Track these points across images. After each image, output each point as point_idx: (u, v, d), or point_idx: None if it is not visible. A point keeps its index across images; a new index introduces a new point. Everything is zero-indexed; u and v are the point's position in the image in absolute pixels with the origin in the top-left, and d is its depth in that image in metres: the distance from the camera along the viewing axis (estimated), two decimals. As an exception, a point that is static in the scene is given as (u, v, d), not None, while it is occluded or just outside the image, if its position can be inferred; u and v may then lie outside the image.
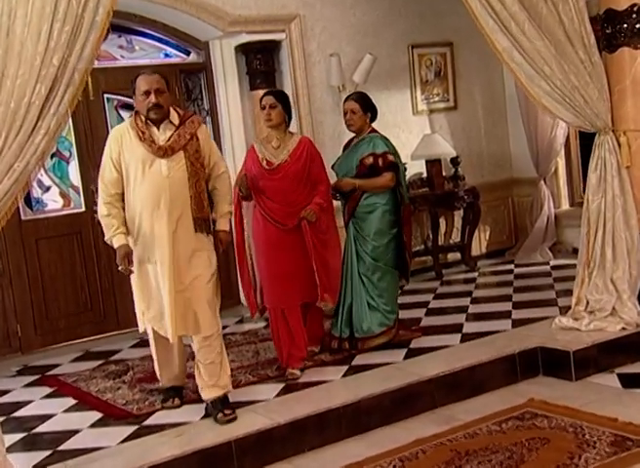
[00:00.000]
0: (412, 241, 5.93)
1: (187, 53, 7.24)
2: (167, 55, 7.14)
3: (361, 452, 4.15)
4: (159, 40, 7.10)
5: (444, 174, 7.94)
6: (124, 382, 5.35)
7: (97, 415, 4.76)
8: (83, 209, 6.73)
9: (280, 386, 4.87)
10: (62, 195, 6.75)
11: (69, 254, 6.62)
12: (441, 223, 8.02)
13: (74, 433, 4.50)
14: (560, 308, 5.87)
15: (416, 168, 7.84)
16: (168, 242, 4.29)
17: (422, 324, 6.02)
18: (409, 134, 7.90)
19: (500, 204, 8.60)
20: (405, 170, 5.45)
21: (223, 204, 4.60)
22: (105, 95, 6.78)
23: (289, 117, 5.15)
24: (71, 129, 6.62)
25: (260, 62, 7.08)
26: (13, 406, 5.14)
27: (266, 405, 4.59)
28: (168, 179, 4.31)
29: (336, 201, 5.44)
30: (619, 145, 5.28)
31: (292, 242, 5.03)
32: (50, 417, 4.83)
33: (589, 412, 4.28)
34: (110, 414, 4.74)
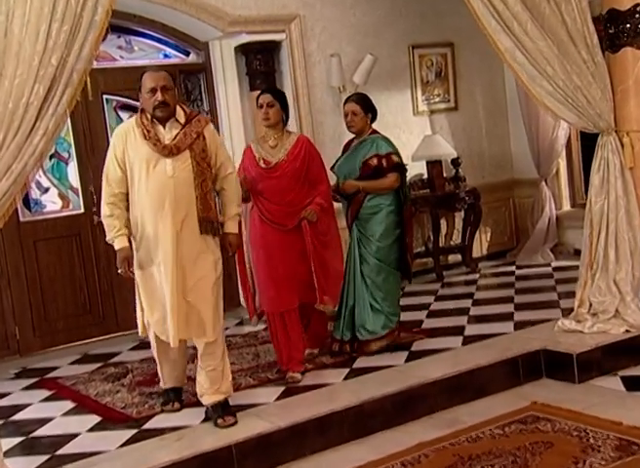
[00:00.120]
0: (412, 242, 5.89)
1: (187, 53, 7.21)
2: (166, 55, 7.10)
3: (363, 456, 4.12)
4: (158, 40, 7.07)
5: (445, 175, 7.91)
6: (123, 385, 5.31)
7: (95, 419, 4.72)
8: (82, 210, 6.68)
9: (280, 389, 4.82)
10: (61, 196, 6.71)
11: (68, 256, 6.57)
12: (442, 225, 7.98)
13: (73, 437, 4.46)
14: (562, 310, 5.83)
15: (416, 169, 7.80)
16: (172, 243, 4.20)
17: (424, 326, 5.98)
18: (409, 134, 7.87)
19: (501, 205, 8.57)
20: (406, 170, 5.40)
21: (232, 205, 4.49)
22: (104, 95, 6.74)
23: (286, 116, 5.08)
24: (70, 130, 6.58)
25: (260, 63, 7.05)
26: (11, 409, 5.11)
27: (267, 408, 4.55)
28: (173, 179, 4.22)
29: (336, 202, 5.39)
30: (622, 146, 5.25)
31: (291, 243, 4.98)
32: (48, 421, 4.79)
33: (593, 416, 4.24)
34: (109, 418, 4.70)
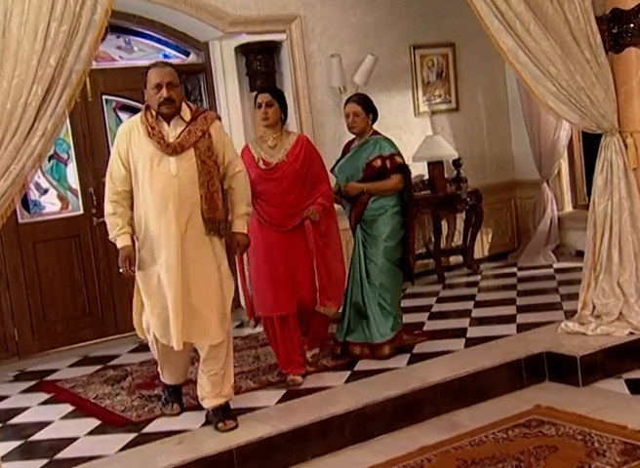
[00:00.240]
0: (415, 243, 5.86)
1: (187, 53, 7.17)
2: (166, 55, 7.07)
3: (365, 461, 4.08)
4: (158, 41, 7.03)
5: (446, 176, 7.88)
6: (123, 388, 5.27)
7: (95, 422, 4.68)
8: (81, 211, 6.64)
9: (281, 392, 4.78)
10: (60, 198, 6.67)
11: (67, 258, 6.53)
12: (443, 226, 7.95)
13: (72, 441, 4.42)
14: (565, 312, 5.80)
15: (417, 170, 7.75)
16: (176, 244, 4.11)
17: (425, 328, 5.95)
18: (410, 135, 7.83)
19: (503, 206, 8.53)
20: (409, 172, 5.37)
21: (240, 204, 4.37)
22: (104, 96, 6.70)
23: (285, 115, 5.01)
24: (69, 131, 6.54)
25: (261, 63, 7.02)
26: (9, 412, 5.07)
27: (268, 411, 4.51)
28: (177, 178, 4.12)
29: (336, 204, 5.34)
30: (625, 147, 5.21)
31: (291, 243, 4.92)
32: (47, 424, 4.75)
33: (598, 420, 4.20)
34: (109, 421, 4.66)
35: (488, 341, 5.35)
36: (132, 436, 4.36)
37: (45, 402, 5.23)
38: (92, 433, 4.53)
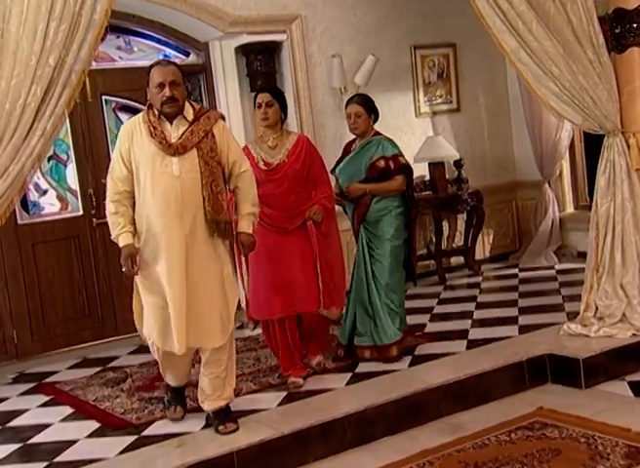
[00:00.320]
0: (416, 244, 5.84)
1: (187, 54, 7.14)
2: (166, 56, 7.04)
3: (366, 464, 4.06)
4: (158, 41, 7.01)
5: (447, 176, 7.86)
6: (122, 390, 5.23)
7: (94, 425, 4.64)
8: (81, 212, 6.60)
9: (282, 394, 4.75)
10: (60, 198, 6.64)
11: (67, 259, 6.50)
12: (444, 227, 7.93)
13: (71, 443, 4.38)
14: (567, 314, 5.77)
15: (418, 171, 7.70)
16: (179, 246, 4.05)
17: (427, 330, 5.92)
18: (411, 136, 7.80)
19: (504, 207, 8.50)
20: (412, 172, 5.35)
21: (245, 204, 4.29)
22: (103, 96, 6.68)
23: (285, 115, 4.97)
24: (69, 131, 6.51)
25: (261, 64, 6.99)
26: (8, 415, 5.03)
27: (269, 414, 4.48)
28: (179, 180, 4.06)
29: (336, 205, 5.31)
30: (628, 147, 5.18)
31: (292, 245, 4.86)
32: (46, 427, 4.71)
33: (601, 422, 4.17)
34: (108, 424, 4.62)
35: (490, 343, 5.32)
36: (132, 438, 4.32)
37: (44, 404, 5.19)
38: (91, 436, 4.49)
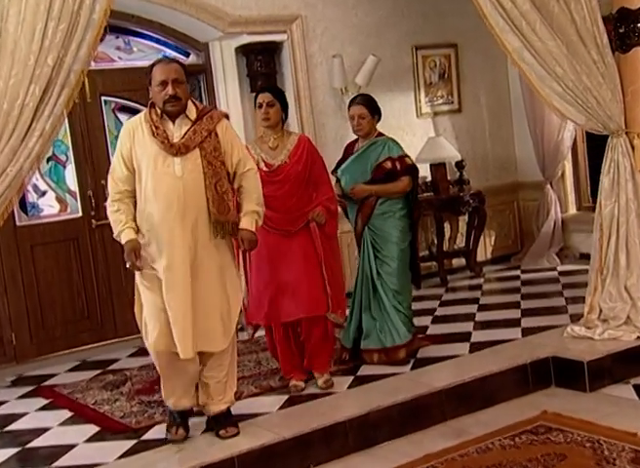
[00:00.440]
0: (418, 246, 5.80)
1: (187, 54, 7.11)
2: (165, 56, 6.99)
3: (369, 468, 4.02)
4: (157, 41, 6.98)
5: (448, 177, 7.82)
6: (122, 394, 5.19)
7: (93, 429, 4.60)
8: (80, 214, 6.56)
9: (284, 398, 4.71)
10: (59, 200, 6.60)
11: (66, 261, 6.45)
12: (446, 228, 7.89)
13: (70, 448, 4.34)
14: (570, 316, 5.73)
15: (420, 172, 7.64)
16: (180, 247, 3.98)
17: (429, 332, 5.88)
18: (412, 136, 7.76)
19: (506, 208, 8.46)
20: (417, 173, 5.32)
21: (249, 202, 4.21)
22: (103, 97, 6.64)
23: (285, 115, 4.90)
24: (68, 132, 6.47)
25: (261, 64, 6.95)
26: (6, 418, 4.99)
27: (270, 418, 4.43)
28: (182, 180, 3.98)
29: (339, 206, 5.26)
30: (632, 148, 5.14)
31: (294, 247, 4.78)
32: (45, 431, 4.67)
33: (606, 426, 4.12)
34: (108, 428, 4.58)
35: (493, 346, 5.27)
36: (131, 443, 4.28)
37: (43, 407, 5.16)
38: (90, 440, 4.45)
